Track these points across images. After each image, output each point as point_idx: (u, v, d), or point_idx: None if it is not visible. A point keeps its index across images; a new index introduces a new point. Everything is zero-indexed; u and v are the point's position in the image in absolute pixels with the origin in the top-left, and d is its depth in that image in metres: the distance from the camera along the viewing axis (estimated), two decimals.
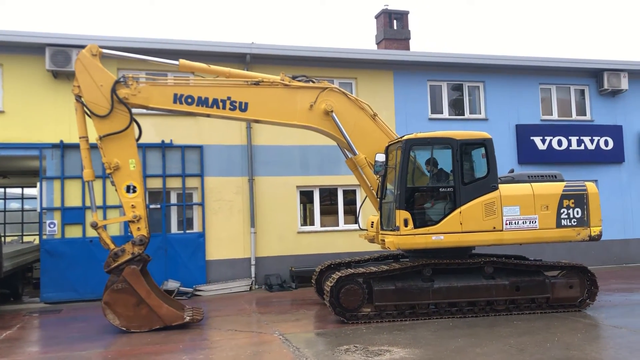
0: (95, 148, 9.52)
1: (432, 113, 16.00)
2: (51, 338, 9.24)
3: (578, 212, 9.94)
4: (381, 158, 9.89)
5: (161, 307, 9.12)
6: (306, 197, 15.14)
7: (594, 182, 16.10)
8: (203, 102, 9.91)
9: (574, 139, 16.69)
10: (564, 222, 9.88)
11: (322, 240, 14.62)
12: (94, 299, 12.01)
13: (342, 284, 9.28)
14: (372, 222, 10.86)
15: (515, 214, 9.70)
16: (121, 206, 9.67)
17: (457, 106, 16.51)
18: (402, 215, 9.44)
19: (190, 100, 9.85)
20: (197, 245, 13.81)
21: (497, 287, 9.64)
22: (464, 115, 16.33)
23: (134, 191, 9.41)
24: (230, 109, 10.02)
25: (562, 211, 9.87)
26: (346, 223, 15.18)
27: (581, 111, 17.45)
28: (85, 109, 9.54)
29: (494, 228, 9.62)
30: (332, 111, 10.40)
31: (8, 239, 18.70)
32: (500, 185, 9.80)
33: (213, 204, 14.11)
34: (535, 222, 9.77)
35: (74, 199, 13.13)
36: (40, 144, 13.13)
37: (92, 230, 9.89)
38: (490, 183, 9.75)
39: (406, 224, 9.42)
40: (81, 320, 9.26)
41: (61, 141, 13.14)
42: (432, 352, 7.26)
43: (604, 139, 16.97)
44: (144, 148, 13.41)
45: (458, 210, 9.54)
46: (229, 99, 10.01)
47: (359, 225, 12.16)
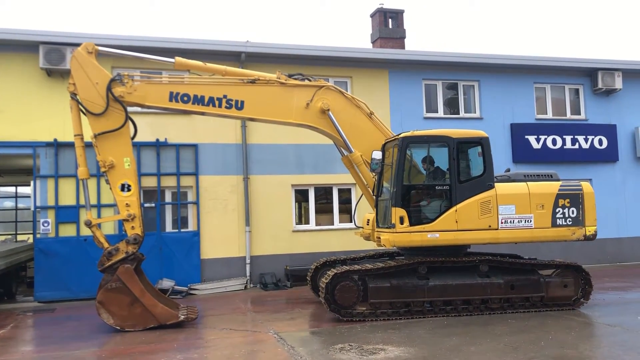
0: (90, 147, 9.48)
1: (427, 112, 16.02)
2: (45, 337, 9.19)
3: (573, 211, 9.97)
4: (378, 155, 9.91)
5: (156, 306, 9.08)
6: (301, 195, 15.13)
7: (588, 181, 16.17)
8: (199, 100, 9.88)
9: (568, 138, 16.75)
10: (559, 222, 9.91)
11: (317, 239, 14.62)
12: (88, 298, 11.95)
13: (338, 281, 9.28)
14: (368, 220, 10.87)
15: (510, 212, 9.72)
16: (116, 205, 9.63)
17: (452, 105, 16.53)
18: (398, 212, 9.45)
19: (186, 99, 9.82)
20: (192, 244, 13.78)
21: (492, 286, 9.66)
22: (459, 114, 16.35)
23: (129, 190, 9.37)
24: (226, 107, 10.00)
25: (557, 210, 9.90)
26: (341, 222, 15.19)
27: (575, 110, 17.51)
28: (80, 106, 9.49)
29: (490, 226, 9.64)
30: (328, 110, 10.39)
31: (1, 237, 18.65)
32: (496, 184, 9.82)
33: (208, 203, 14.08)
34: (531, 221, 9.80)
35: (68, 197, 13.07)
36: (34, 142, 13.07)
37: (87, 229, 9.87)
38: (486, 182, 9.77)
39: (402, 222, 9.42)
40: (75, 320, 9.22)
41: (55, 139, 13.08)
42: (426, 351, 7.27)
43: (598, 138, 17.04)
44: (139, 147, 13.37)
45: (454, 209, 9.56)
46: (225, 97, 9.98)
47: (354, 223, 12.16)
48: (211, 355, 7.47)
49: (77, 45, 12.66)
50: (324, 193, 15.25)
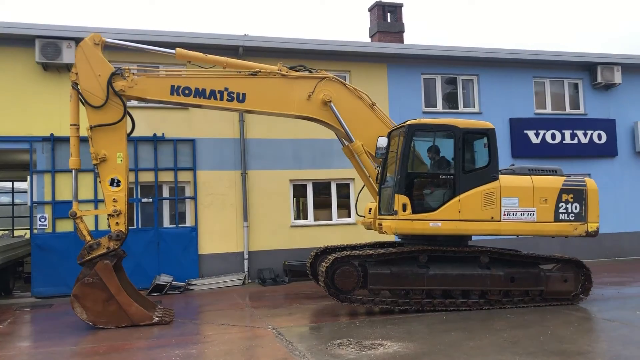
0: (86, 141, 9.41)
1: (425, 106, 15.96)
2: (42, 333, 9.17)
3: (576, 207, 9.94)
4: (383, 142, 9.87)
5: (131, 306, 8.95)
6: (299, 191, 15.08)
7: (587, 175, 16.16)
8: (200, 93, 9.81)
9: (567, 133, 16.71)
10: (561, 217, 9.88)
11: (315, 234, 14.57)
12: None
13: (338, 265, 9.26)
14: (370, 209, 10.84)
15: (514, 205, 9.69)
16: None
17: (451, 99, 16.47)
18: (401, 199, 9.40)
19: (187, 92, 9.76)
20: (190, 240, 13.74)
21: (492, 277, 9.63)
22: (457, 108, 16.29)
23: (118, 185, 9.28)
24: (228, 100, 9.94)
25: (560, 205, 9.87)
26: (340, 217, 15.15)
27: (575, 105, 17.47)
28: (80, 97, 9.41)
29: (492, 218, 9.60)
30: (330, 101, 10.34)
31: None
32: (500, 176, 9.80)
33: (205, 198, 14.03)
34: (534, 214, 9.77)
35: (64, 192, 12.98)
36: (30, 137, 12.99)
37: None
38: (490, 173, 9.73)
39: (404, 209, 9.38)
40: (72, 315, 9.16)
41: (52, 134, 13.00)
42: (426, 346, 7.24)
43: (597, 132, 17.01)
44: (136, 141, 13.30)
45: (457, 198, 9.52)
46: (227, 89, 9.92)
47: (356, 212, 12.11)
48: (209, 350, 7.43)
49: (73, 39, 12.70)
50: (322, 188, 15.19)
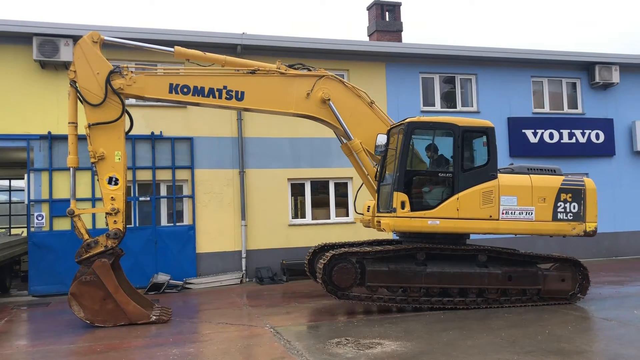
0: (84, 139, 9.38)
1: (424, 105, 15.95)
2: (39, 331, 9.13)
3: (575, 206, 9.95)
4: (382, 140, 9.87)
5: (128, 304, 8.95)
6: (297, 189, 15.07)
7: (584, 175, 16.18)
8: (199, 91, 9.79)
9: (565, 132, 16.73)
10: (560, 216, 9.89)
11: (313, 234, 14.56)
12: None
13: (336, 262, 9.28)
14: (369, 207, 10.84)
15: (512, 204, 9.70)
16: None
17: (449, 99, 16.47)
18: (399, 197, 9.41)
19: (186, 90, 9.73)
20: (188, 238, 13.72)
21: (489, 276, 9.63)
22: (456, 107, 16.29)
23: (116, 184, 9.26)
24: (226, 98, 9.92)
25: (559, 204, 9.88)
26: (338, 216, 15.14)
27: (573, 104, 17.48)
28: (78, 95, 9.37)
29: (490, 217, 9.62)
30: (329, 99, 10.33)
31: None
32: (499, 175, 9.81)
33: (203, 197, 14.01)
34: (532, 213, 9.78)
35: (62, 191, 12.95)
36: (27, 135, 12.95)
37: None
38: (489, 172, 9.75)
39: (403, 207, 9.39)
40: (69, 314, 9.15)
41: (49, 132, 12.96)
42: (423, 345, 7.24)
43: (595, 132, 17.02)
44: (134, 140, 13.27)
45: (456, 197, 9.53)
46: (225, 88, 9.90)
47: (355, 209, 12.10)
48: (207, 349, 7.42)
49: (70, 36, 12.67)
50: (320, 187, 15.18)
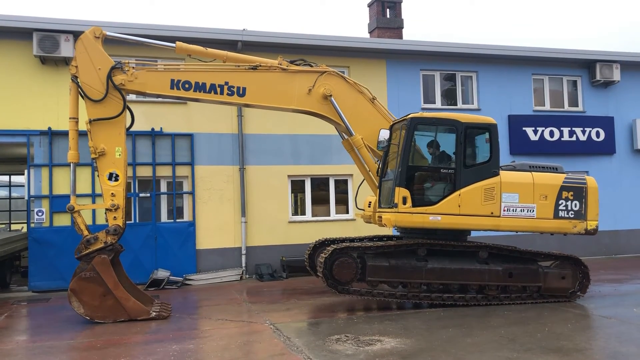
0: (84, 135, 9.36)
1: (424, 103, 15.93)
2: (39, 327, 9.15)
3: (576, 204, 9.94)
4: (385, 135, 9.85)
5: (128, 300, 8.95)
6: (297, 186, 15.06)
7: (585, 173, 16.17)
8: (200, 87, 9.77)
9: (565, 130, 16.71)
10: (561, 214, 9.88)
11: (313, 230, 14.55)
12: None
13: (337, 257, 9.29)
14: (370, 202, 10.83)
15: (514, 201, 9.69)
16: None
17: (449, 96, 16.45)
18: (401, 192, 9.40)
19: (187, 86, 9.71)
20: (188, 235, 13.72)
21: (490, 273, 9.64)
22: (456, 105, 16.27)
23: (116, 180, 9.24)
24: (228, 94, 9.90)
25: (560, 202, 9.87)
26: (338, 213, 15.14)
27: (573, 102, 17.46)
28: (79, 90, 9.35)
29: (492, 213, 9.61)
30: (330, 95, 10.31)
31: None
32: (501, 172, 9.81)
33: (203, 193, 14.00)
34: (533, 211, 9.77)
35: (62, 186, 12.94)
36: (27, 130, 12.94)
37: None
38: (491, 168, 9.75)
39: (405, 202, 9.39)
40: (69, 309, 9.15)
41: (49, 128, 12.95)
42: (423, 342, 7.25)
43: (595, 130, 17.01)
44: (134, 136, 13.26)
45: (457, 193, 9.52)
46: (227, 84, 9.88)
47: (356, 205, 12.10)
48: (207, 345, 7.43)
49: (70, 32, 12.65)
50: (320, 184, 15.18)
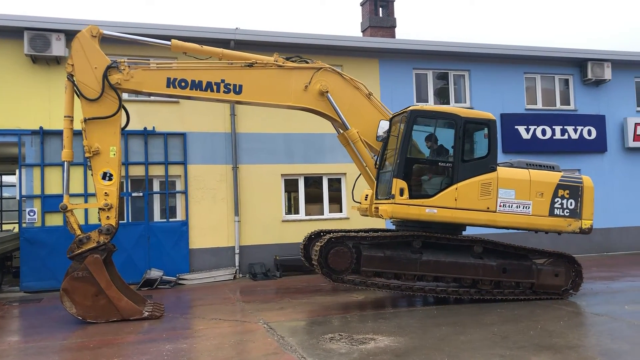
0: (78, 134, 9.32)
1: (417, 101, 15.97)
2: (31, 327, 9.09)
3: (572, 203, 10.00)
4: (385, 126, 9.85)
5: (120, 300, 8.92)
6: (291, 185, 15.05)
7: (576, 171, 16.27)
8: (197, 85, 9.74)
9: (557, 129, 16.80)
10: (556, 212, 9.94)
11: (306, 229, 14.45)
12: None
13: (332, 246, 9.31)
14: (367, 195, 10.86)
15: (510, 197, 9.74)
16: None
17: (442, 95, 16.49)
18: (399, 184, 9.43)
19: (183, 84, 9.68)
20: (181, 234, 13.68)
21: (484, 267, 9.68)
22: (449, 103, 16.31)
23: (110, 179, 9.22)
24: (224, 91, 9.88)
25: (556, 200, 9.92)
26: (331, 212, 15.15)
27: (565, 101, 17.56)
28: (75, 89, 9.31)
29: (488, 208, 9.66)
30: (327, 91, 10.32)
31: None
32: (498, 168, 9.85)
33: (196, 192, 13.97)
34: (529, 207, 9.82)
35: (54, 186, 12.89)
36: (19, 130, 12.86)
37: None
38: (489, 164, 9.80)
39: (402, 194, 9.41)
40: (62, 310, 9.12)
41: (41, 127, 12.88)
42: (417, 340, 7.27)
43: (587, 128, 17.12)
44: (126, 135, 13.20)
45: (454, 187, 9.56)
46: (223, 81, 9.86)
47: (352, 198, 12.13)
48: (200, 345, 7.42)
49: (62, 31, 12.57)
50: (313, 183, 15.17)
